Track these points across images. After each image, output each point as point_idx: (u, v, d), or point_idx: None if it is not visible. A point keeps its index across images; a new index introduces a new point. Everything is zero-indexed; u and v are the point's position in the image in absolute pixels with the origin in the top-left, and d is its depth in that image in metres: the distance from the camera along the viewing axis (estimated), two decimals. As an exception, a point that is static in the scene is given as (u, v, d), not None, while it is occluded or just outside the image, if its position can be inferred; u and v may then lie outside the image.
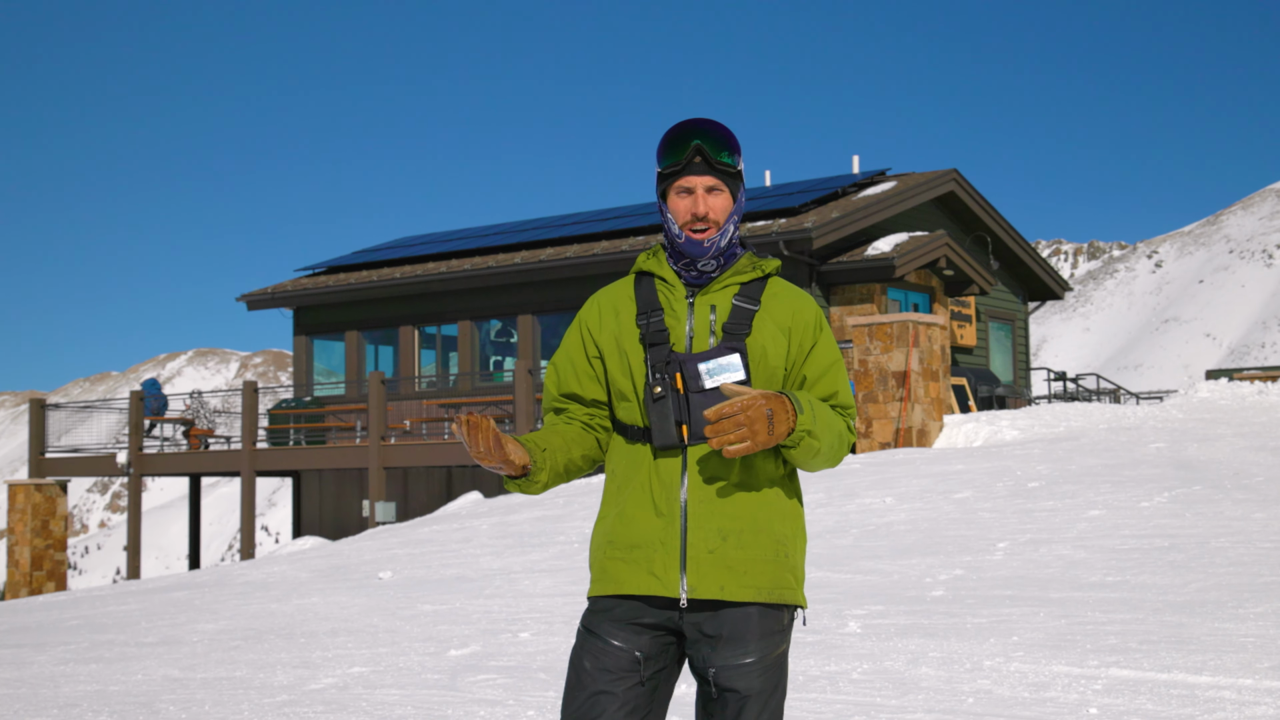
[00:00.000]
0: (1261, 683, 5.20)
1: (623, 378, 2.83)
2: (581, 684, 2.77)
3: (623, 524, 2.81)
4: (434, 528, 14.61)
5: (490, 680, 6.13)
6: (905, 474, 13.87)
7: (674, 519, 2.75)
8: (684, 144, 2.79)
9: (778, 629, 2.78)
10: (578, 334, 2.94)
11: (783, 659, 2.80)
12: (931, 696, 5.31)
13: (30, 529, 23.66)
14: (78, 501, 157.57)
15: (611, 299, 2.92)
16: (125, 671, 7.23)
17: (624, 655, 2.75)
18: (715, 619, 2.74)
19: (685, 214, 2.80)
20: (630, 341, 2.83)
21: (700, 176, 2.80)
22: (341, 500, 24.92)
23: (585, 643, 2.81)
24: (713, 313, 2.81)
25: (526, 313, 23.43)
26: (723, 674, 2.72)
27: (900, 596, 7.72)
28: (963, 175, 24.27)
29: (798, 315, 2.85)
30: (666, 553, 2.75)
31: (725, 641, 2.72)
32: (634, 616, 2.77)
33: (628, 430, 2.85)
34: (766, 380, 2.80)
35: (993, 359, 25.71)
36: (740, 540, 2.75)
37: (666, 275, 2.87)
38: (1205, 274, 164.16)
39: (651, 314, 2.83)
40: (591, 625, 2.81)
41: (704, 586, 2.73)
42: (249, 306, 26.60)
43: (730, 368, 2.76)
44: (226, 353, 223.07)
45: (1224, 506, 10.30)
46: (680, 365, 2.76)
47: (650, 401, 2.77)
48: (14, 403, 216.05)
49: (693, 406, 2.74)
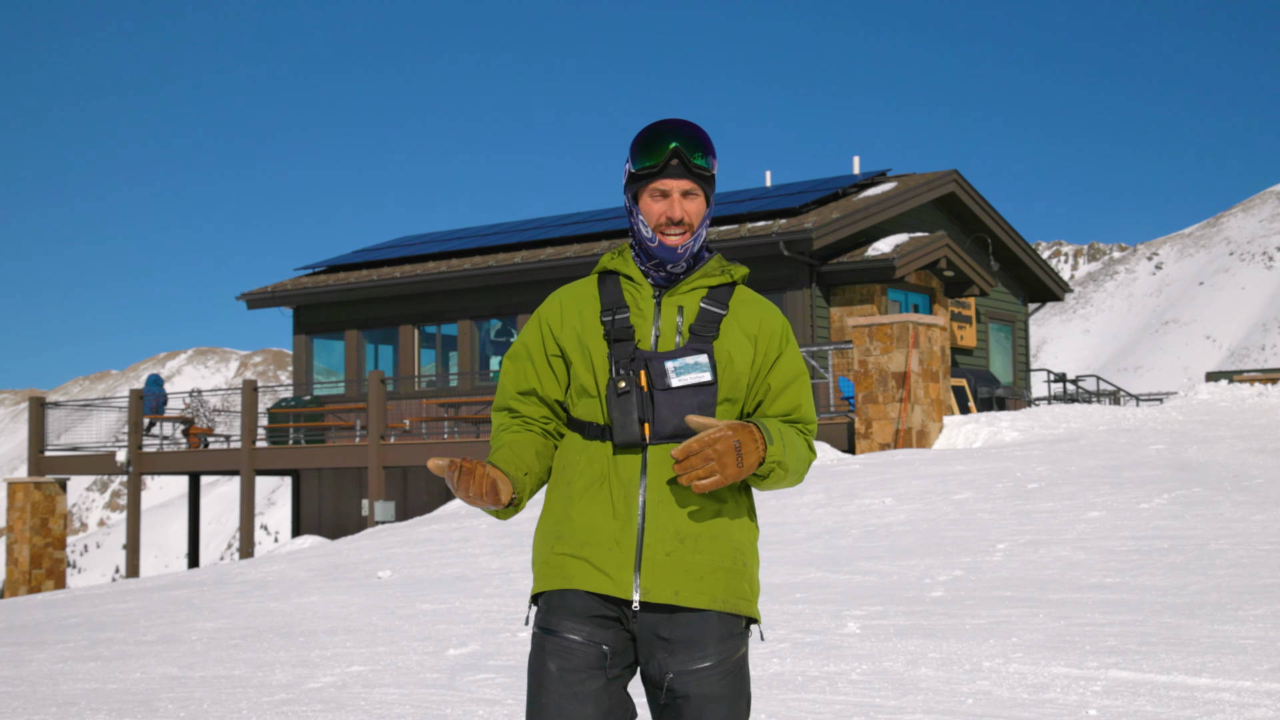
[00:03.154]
0: (1261, 685, 5.20)
1: (585, 373, 2.76)
2: (549, 689, 2.64)
3: (574, 522, 2.72)
4: (433, 527, 14.60)
5: (489, 680, 6.13)
6: (905, 475, 13.87)
7: (631, 519, 2.67)
8: (661, 146, 2.73)
9: (736, 631, 2.70)
10: (537, 331, 2.85)
11: (743, 663, 2.71)
12: (930, 697, 5.31)
13: (29, 527, 23.66)
14: (77, 500, 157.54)
15: (574, 296, 2.85)
16: (124, 670, 7.22)
17: (590, 652, 2.64)
18: (671, 621, 2.65)
19: (660, 217, 2.74)
20: (593, 338, 2.76)
21: (677, 180, 2.74)
22: (341, 499, 24.92)
23: (544, 644, 2.68)
24: (680, 314, 2.76)
25: (526, 312, 23.43)
26: (680, 679, 2.63)
27: (899, 597, 7.71)
28: (963, 176, 24.27)
29: (764, 324, 2.80)
30: (621, 552, 2.66)
31: (681, 644, 2.64)
32: (593, 609, 2.66)
33: (585, 427, 2.76)
34: (731, 386, 2.74)
35: (993, 360, 25.71)
36: (698, 545, 2.67)
37: (633, 274, 2.81)
38: (1205, 276, 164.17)
39: (617, 311, 2.76)
40: (549, 624, 2.68)
41: (658, 590, 2.64)
42: (249, 305, 26.60)
43: (697, 368, 2.71)
44: (226, 351, 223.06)
45: (1224, 508, 10.30)
46: (646, 362, 2.70)
47: (613, 397, 2.69)
48: (14, 401, 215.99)
49: (657, 404, 2.68)
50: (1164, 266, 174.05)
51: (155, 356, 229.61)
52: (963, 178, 24.22)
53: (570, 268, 22.46)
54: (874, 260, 20.93)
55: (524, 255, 23.54)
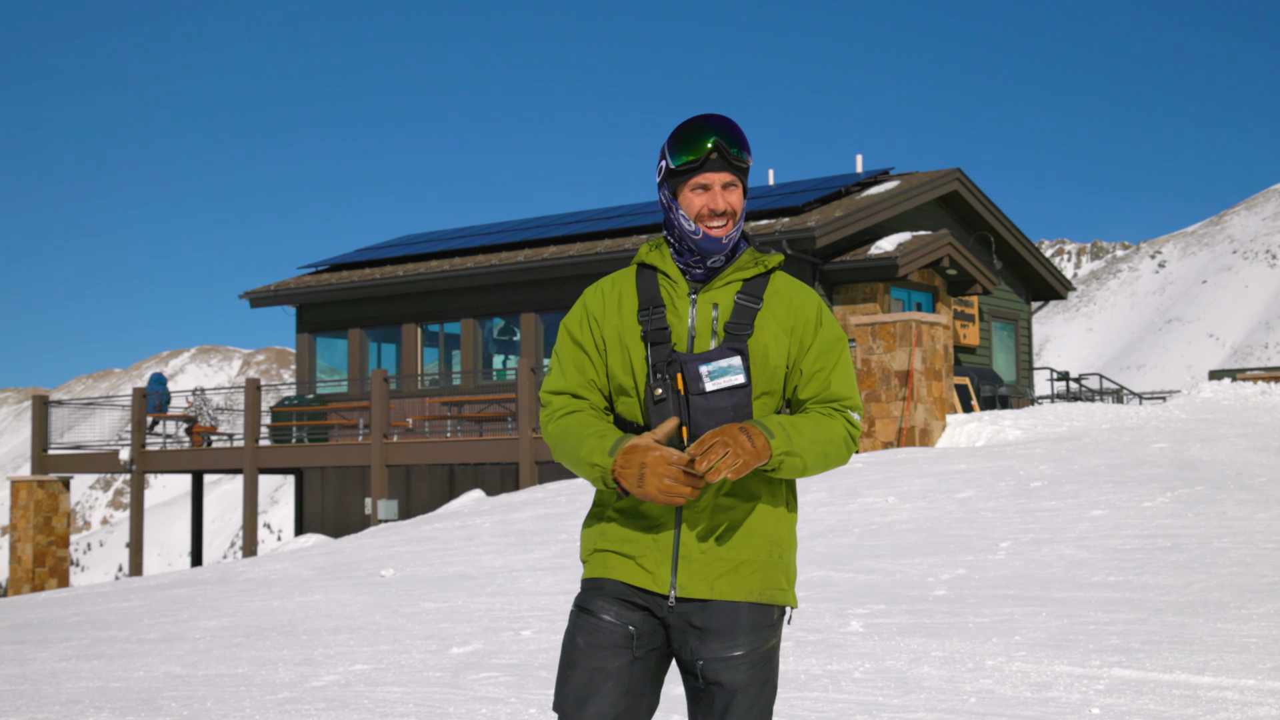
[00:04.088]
0: (1264, 683, 5.20)
1: (624, 374, 2.83)
2: (574, 662, 2.77)
3: (616, 520, 2.82)
4: (436, 525, 14.60)
5: (492, 678, 6.13)
6: (908, 473, 13.86)
7: (668, 517, 2.77)
8: (701, 141, 2.79)
9: (767, 623, 2.77)
10: (586, 323, 2.88)
11: (772, 654, 2.79)
12: (933, 696, 5.31)
13: (33, 525, 23.69)
14: (80, 498, 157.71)
15: (615, 289, 2.89)
16: (127, 668, 7.23)
17: (617, 631, 2.75)
18: (704, 611, 2.74)
19: (702, 209, 2.79)
20: (632, 337, 2.82)
21: (718, 173, 2.80)
22: (344, 498, 24.93)
23: (578, 620, 2.81)
24: (714, 311, 2.81)
25: (529, 311, 23.43)
26: (710, 667, 2.72)
27: (902, 596, 7.72)
28: (966, 175, 24.25)
29: (799, 312, 2.84)
30: (659, 550, 2.76)
31: (714, 634, 2.73)
32: (625, 594, 2.78)
33: (626, 426, 2.85)
34: (768, 380, 2.80)
35: (995, 359, 25.69)
36: (733, 541, 2.76)
37: (670, 270, 2.85)
38: (1209, 274, 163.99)
39: (653, 310, 2.82)
40: (584, 603, 2.82)
41: (694, 586, 2.74)
42: (252, 304, 26.60)
43: (731, 370, 2.76)
44: (229, 350, 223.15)
45: (1227, 507, 10.29)
46: (681, 366, 2.75)
47: (651, 403, 2.77)
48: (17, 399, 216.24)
49: (693, 408, 2.75)
50: (1167, 265, 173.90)
51: (158, 355, 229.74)
52: (965, 176, 24.21)
53: (573, 266, 22.46)
54: (877, 259, 20.92)
55: (527, 254, 23.54)
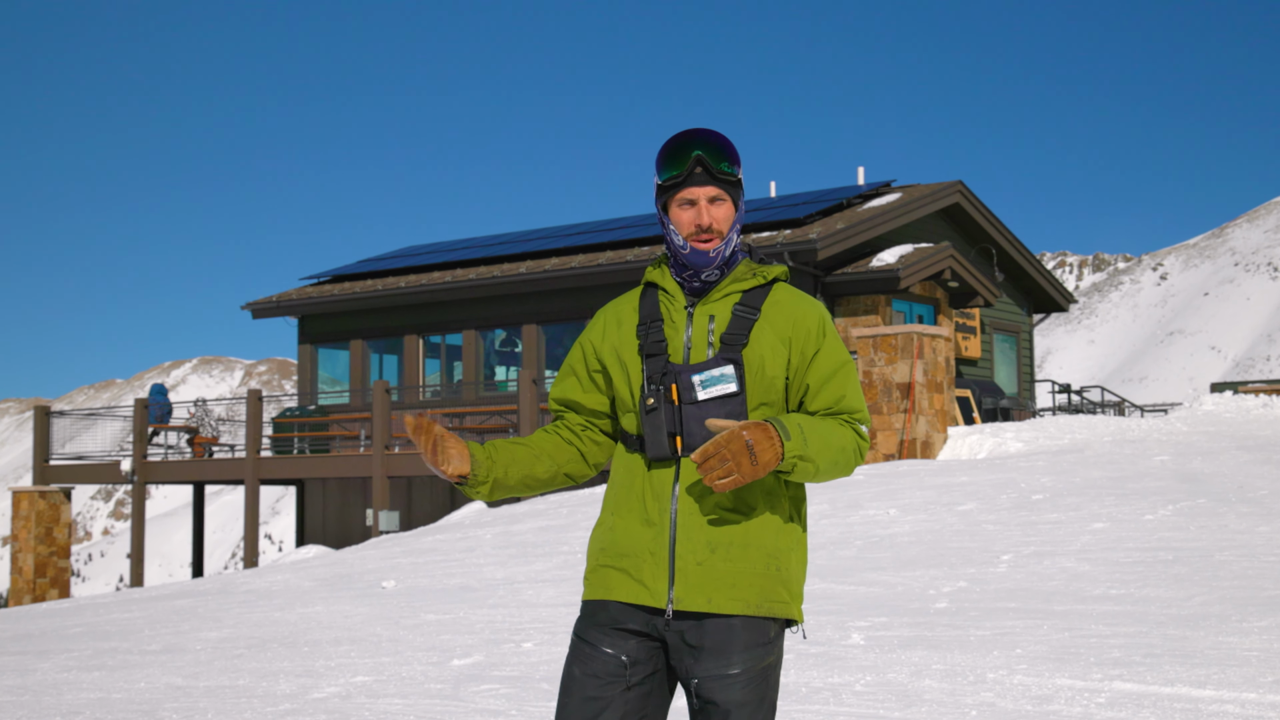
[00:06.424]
0: (1265, 697, 5.19)
1: (623, 388, 2.86)
2: (571, 690, 2.78)
3: (615, 532, 2.82)
4: (437, 537, 14.60)
5: (493, 690, 6.13)
6: (909, 486, 13.86)
7: (664, 529, 2.76)
8: (684, 155, 2.79)
9: (763, 641, 2.74)
10: (580, 346, 2.98)
11: (769, 671, 2.76)
12: (934, 709, 5.31)
13: (34, 536, 23.68)
14: (81, 509, 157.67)
15: (617, 311, 2.95)
16: (128, 679, 7.23)
17: (611, 660, 2.75)
18: (698, 629, 2.72)
19: (689, 225, 2.79)
20: (629, 352, 2.85)
21: (702, 187, 2.79)
22: (345, 509, 24.92)
23: (576, 650, 2.82)
24: (711, 322, 2.82)
25: (531, 322, 23.45)
26: (705, 685, 2.70)
27: (904, 608, 7.71)
28: (968, 187, 24.28)
29: (799, 323, 2.83)
30: (655, 563, 2.75)
31: (708, 652, 2.71)
32: (620, 622, 2.77)
33: (627, 439, 2.87)
34: (765, 390, 2.78)
35: (997, 371, 25.69)
36: (729, 554, 2.74)
37: (668, 286, 2.88)
38: (1210, 287, 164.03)
39: (651, 324, 2.85)
40: (581, 632, 2.82)
41: (690, 599, 2.72)
42: (254, 315, 26.64)
43: (723, 379, 2.75)
44: (231, 361, 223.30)
45: (1228, 520, 10.29)
46: (675, 376, 2.77)
47: (644, 413, 2.78)
48: (19, 409, 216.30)
49: (686, 418, 2.75)
50: (1169, 277, 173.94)
51: (160, 365, 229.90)
52: (967, 188, 24.23)
53: (575, 278, 22.48)
54: (879, 271, 20.95)
55: (529, 265, 23.56)
